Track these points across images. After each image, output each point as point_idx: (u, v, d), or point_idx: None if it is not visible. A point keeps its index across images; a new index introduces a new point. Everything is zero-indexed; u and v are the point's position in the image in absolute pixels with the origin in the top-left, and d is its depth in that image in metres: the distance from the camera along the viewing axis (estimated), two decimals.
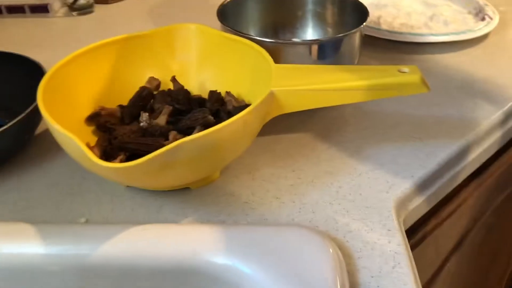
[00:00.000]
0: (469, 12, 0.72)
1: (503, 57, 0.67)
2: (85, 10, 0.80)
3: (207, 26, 0.53)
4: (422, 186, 0.46)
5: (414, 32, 0.63)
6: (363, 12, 0.55)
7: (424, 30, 0.66)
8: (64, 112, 0.44)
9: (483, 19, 0.69)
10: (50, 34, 0.75)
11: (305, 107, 0.43)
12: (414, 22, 0.67)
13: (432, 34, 0.62)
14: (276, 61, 0.46)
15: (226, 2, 0.58)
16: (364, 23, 0.52)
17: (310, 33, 0.63)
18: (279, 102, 0.42)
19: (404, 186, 0.45)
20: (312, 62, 0.51)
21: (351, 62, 0.54)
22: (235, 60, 0.51)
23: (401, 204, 0.44)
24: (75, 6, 0.79)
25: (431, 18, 0.69)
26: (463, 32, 0.63)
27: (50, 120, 0.38)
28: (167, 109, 0.47)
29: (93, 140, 0.47)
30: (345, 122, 0.53)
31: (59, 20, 0.80)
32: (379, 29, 0.63)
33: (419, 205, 0.46)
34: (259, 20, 0.63)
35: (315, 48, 0.51)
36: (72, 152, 0.39)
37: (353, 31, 0.51)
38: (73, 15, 0.80)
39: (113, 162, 0.42)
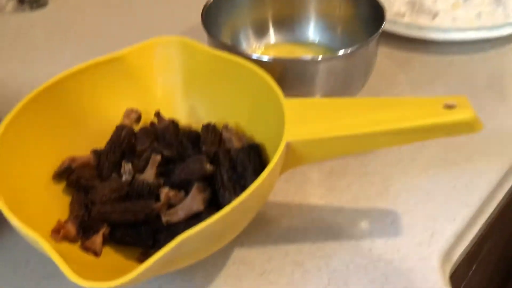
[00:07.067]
0: None
1: None
2: (37, 2, 0.68)
3: (193, 40, 0.43)
4: (465, 230, 0.39)
5: (436, 26, 0.52)
6: (377, 7, 0.46)
7: (449, 22, 0.54)
8: (22, 175, 0.35)
9: None
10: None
11: (329, 157, 0.35)
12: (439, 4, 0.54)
13: (459, 30, 0.51)
14: (279, 75, 0.38)
15: (210, 1, 0.48)
16: (382, 27, 0.43)
17: (311, 30, 0.53)
18: (297, 155, 0.33)
19: (447, 233, 0.38)
20: (324, 75, 0.42)
21: (368, 70, 0.45)
22: (230, 83, 0.42)
23: (445, 258, 0.37)
24: None
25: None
26: (496, 28, 0.51)
27: (7, 213, 0.29)
28: (154, 159, 0.38)
29: (65, 202, 0.38)
30: None
31: (8, 18, 0.67)
32: (395, 23, 0.52)
33: (462, 253, 0.39)
34: (251, 16, 0.53)
35: (327, 64, 0.42)
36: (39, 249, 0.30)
37: (372, 38, 0.42)
38: (24, 11, 0.67)
39: (95, 238, 0.34)
